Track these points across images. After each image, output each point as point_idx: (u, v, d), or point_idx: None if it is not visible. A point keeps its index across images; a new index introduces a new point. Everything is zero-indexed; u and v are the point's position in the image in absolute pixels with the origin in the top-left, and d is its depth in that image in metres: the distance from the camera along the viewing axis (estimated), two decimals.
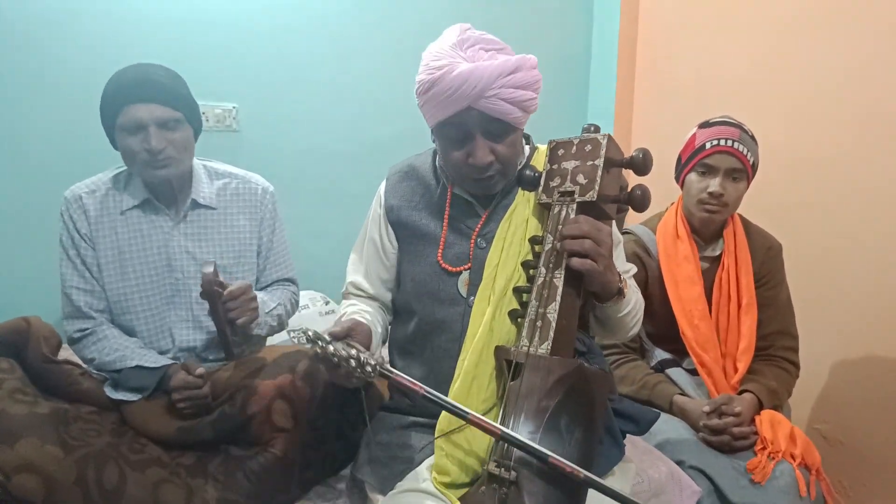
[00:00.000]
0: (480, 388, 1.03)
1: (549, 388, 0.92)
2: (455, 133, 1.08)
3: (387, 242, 1.25)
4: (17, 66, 1.87)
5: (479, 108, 1.03)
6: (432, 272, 1.16)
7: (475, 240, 1.15)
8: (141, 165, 1.30)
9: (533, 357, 0.96)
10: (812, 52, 1.97)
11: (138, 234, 1.36)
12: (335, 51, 2.32)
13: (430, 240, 1.19)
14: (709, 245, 1.67)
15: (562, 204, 1.04)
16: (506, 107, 1.04)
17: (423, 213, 1.21)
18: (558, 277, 0.99)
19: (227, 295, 1.25)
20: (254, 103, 2.21)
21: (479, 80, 1.01)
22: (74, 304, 1.34)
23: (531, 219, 1.11)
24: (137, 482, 1.12)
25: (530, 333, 0.99)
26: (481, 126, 1.06)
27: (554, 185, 1.06)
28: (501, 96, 1.03)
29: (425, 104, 1.09)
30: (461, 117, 1.05)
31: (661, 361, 1.68)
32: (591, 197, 1.00)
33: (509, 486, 0.89)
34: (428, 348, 1.17)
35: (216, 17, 2.11)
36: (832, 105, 1.92)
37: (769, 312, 1.64)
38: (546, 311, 0.98)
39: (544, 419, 0.90)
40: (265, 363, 1.29)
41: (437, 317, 1.15)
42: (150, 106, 1.26)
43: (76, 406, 1.25)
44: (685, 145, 1.61)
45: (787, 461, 1.40)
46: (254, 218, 1.47)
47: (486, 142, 1.07)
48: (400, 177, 1.27)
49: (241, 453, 1.22)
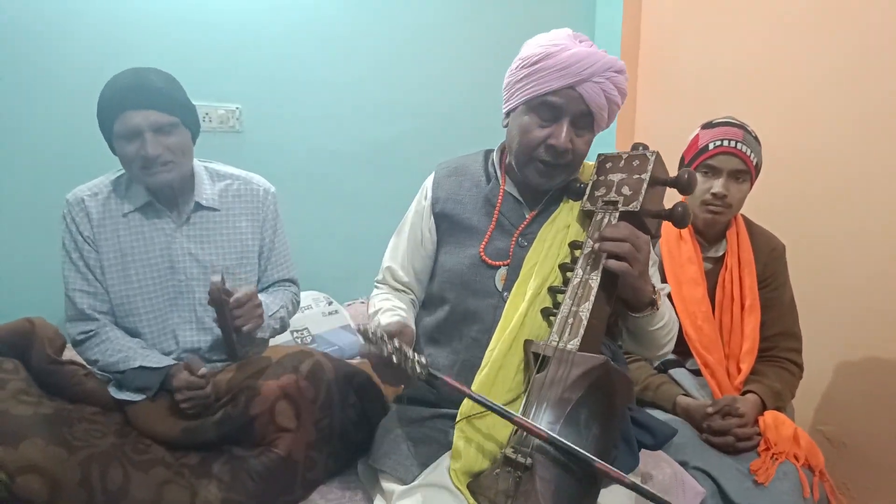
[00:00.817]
0: (506, 378, 1.05)
1: (574, 381, 0.94)
2: (546, 111, 1.10)
3: (426, 234, 1.28)
4: (19, 65, 1.87)
5: (580, 91, 1.07)
6: (470, 264, 1.19)
7: (517, 238, 1.19)
8: (139, 172, 1.30)
9: (560, 351, 0.98)
10: (815, 51, 1.97)
11: (141, 237, 1.37)
12: (338, 51, 2.32)
13: (474, 233, 1.22)
14: (712, 246, 1.66)
15: (605, 212, 1.08)
16: (602, 100, 1.09)
17: (469, 206, 1.24)
18: (594, 279, 1.02)
19: (233, 303, 1.26)
20: (257, 104, 2.21)
21: (592, 64, 1.06)
22: (77, 307, 1.34)
23: (573, 224, 1.15)
24: (141, 483, 1.12)
25: (560, 329, 1.01)
26: (574, 111, 1.09)
27: (599, 194, 1.10)
28: (604, 87, 1.08)
29: (527, 76, 1.11)
30: (560, 96, 1.08)
31: (665, 362, 1.67)
32: (634, 207, 1.04)
33: (524, 470, 0.91)
34: (457, 337, 1.20)
35: (219, 18, 2.11)
36: (835, 105, 1.92)
37: (773, 313, 1.63)
38: (579, 310, 1.01)
39: (566, 411, 0.93)
40: (268, 364, 1.29)
41: (470, 307, 1.18)
42: (145, 112, 1.26)
43: (80, 407, 1.26)
44: (688, 146, 1.61)
45: (791, 462, 1.40)
46: (255, 219, 1.48)
47: (570, 129, 1.10)
48: (449, 171, 1.30)
49: (244, 454, 1.22)
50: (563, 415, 0.92)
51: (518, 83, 1.13)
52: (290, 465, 1.22)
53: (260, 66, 2.20)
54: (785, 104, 2.06)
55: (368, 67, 2.38)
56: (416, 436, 1.15)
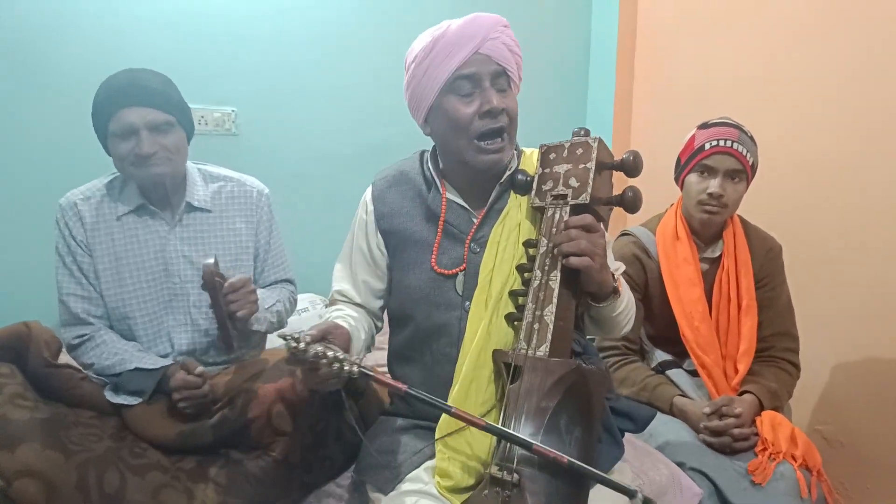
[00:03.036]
0: (479, 390, 1.04)
1: (549, 388, 0.93)
2: (466, 85, 1.08)
3: (376, 250, 1.24)
4: (14, 68, 1.86)
5: (485, 51, 1.07)
6: (427, 278, 1.16)
7: (469, 245, 1.15)
8: (130, 167, 1.30)
9: (532, 359, 0.96)
10: (810, 53, 1.98)
11: (134, 240, 1.36)
12: (334, 54, 2.32)
13: (424, 245, 1.17)
14: (708, 246, 1.67)
15: (555, 207, 1.05)
16: (507, 53, 1.09)
17: (416, 219, 1.20)
18: (554, 280, 1.00)
19: (227, 287, 1.25)
20: (253, 107, 2.21)
21: (481, 25, 1.08)
22: (72, 312, 1.34)
23: (524, 222, 1.12)
24: (138, 487, 1.12)
25: (528, 336, 0.99)
26: (489, 73, 1.08)
27: (546, 188, 1.07)
28: (503, 41, 1.09)
29: (428, 68, 1.09)
30: (471, 65, 1.07)
31: (662, 363, 1.68)
32: (583, 200, 1.02)
33: (512, 488, 0.89)
34: (426, 353, 1.17)
35: (215, 21, 2.11)
36: (831, 106, 1.93)
37: (769, 314, 1.64)
38: (543, 314, 0.99)
39: (545, 420, 0.91)
40: (265, 367, 1.29)
41: (435, 322, 1.15)
42: (141, 110, 1.26)
43: (77, 411, 1.25)
44: (684, 146, 1.62)
45: (788, 462, 1.41)
46: (250, 221, 1.47)
47: (493, 91, 1.08)
48: (388, 183, 1.26)
49: (241, 457, 1.22)
50: (543, 424, 0.91)
51: (423, 77, 1.11)
52: (287, 468, 1.22)
53: (255, 69, 2.20)
54: (781, 105, 2.07)
55: (364, 71, 2.38)
56: (396, 445, 1.14)
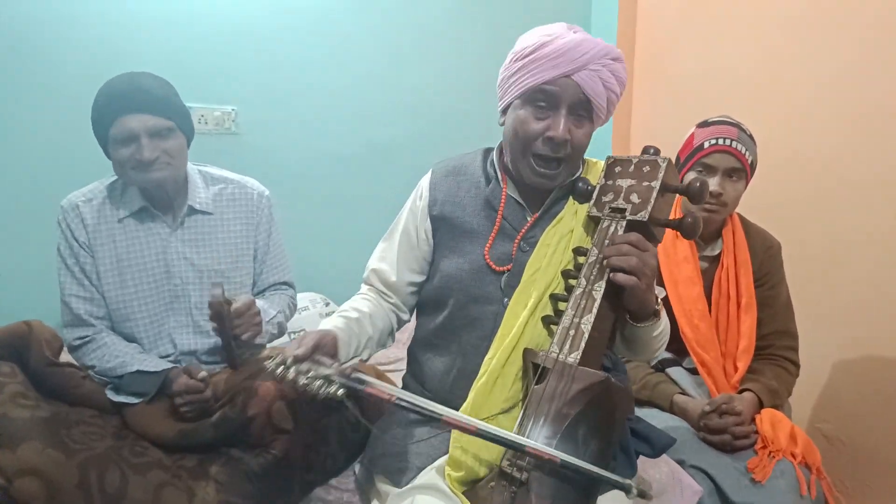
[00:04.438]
0: (504, 387, 1.04)
1: (573, 396, 0.92)
2: (543, 100, 1.07)
3: (422, 235, 1.24)
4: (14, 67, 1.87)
5: (577, 79, 1.04)
6: (472, 269, 1.16)
7: (518, 242, 1.15)
8: (131, 172, 1.30)
9: (561, 364, 0.96)
10: (811, 50, 1.97)
11: (136, 242, 1.37)
12: (335, 54, 2.32)
13: (474, 236, 1.18)
14: (708, 245, 1.67)
15: (612, 219, 1.03)
16: (600, 87, 1.06)
17: (469, 209, 1.20)
18: (598, 290, 0.99)
19: (233, 312, 1.24)
20: (253, 106, 2.21)
21: (588, 50, 1.04)
22: (74, 312, 1.34)
23: (577, 229, 1.11)
24: (139, 485, 1.12)
25: (561, 341, 0.98)
26: (571, 100, 1.06)
27: (606, 200, 1.05)
28: (601, 75, 1.05)
29: (522, 68, 1.08)
30: (556, 84, 1.05)
31: (662, 361, 1.67)
32: (642, 217, 1.00)
33: (519, 485, 0.90)
34: (455, 343, 1.17)
35: (216, 21, 2.11)
36: (831, 104, 1.92)
37: (769, 312, 1.64)
38: (581, 322, 0.98)
39: (563, 426, 0.91)
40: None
41: (471, 313, 1.15)
42: (141, 116, 1.26)
43: (78, 410, 1.26)
44: (684, 145, 1.62)
45: (788, 460, 1.40)
46: (250, 222, 1.48)
47: (568, 119, 1.07)
48: (446, 172, 1.26)
49: (242, 455, 1.22)
50: (561, 430, 0.90)
51: (512, 76, 1.10)
52: (288, 466, 1.23)
53: (256, 68, 2.20)
54: (781, 103, 2.06)
55: (365, 70, 2.38)
56: (410, 438, 1.14)
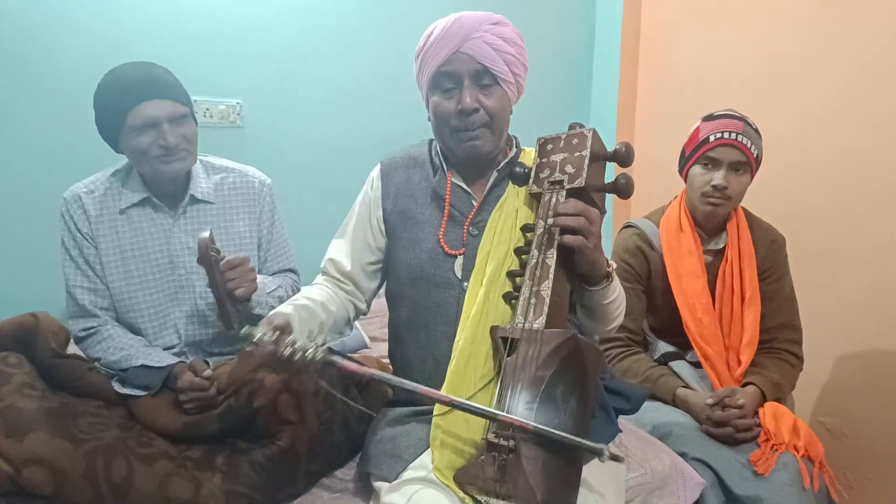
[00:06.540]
0: (476, 366, 1.06)
1: (545, 358, 0.95)
2: (446, 81, 1.14)
3: (376, 225, 1.28)
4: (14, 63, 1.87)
5: (465, 50, 1.11)
6: (428, 257, 1.19)
7: (468, 227, 1.19)
8: (155, 161, 1.30)
9: (528, 331, 0.99)
10: (816, 46, 1.97)
11: (139, 233, 1.37)
12: (339, 47, 2.32)
13: (427, 226, 1.22)
14: (712, 238, 1.67)
15: (552, 192, 1.09)
16: (490, 52, 1.11)
17: (421, 200, 1.24)
18: (550, 257, 1.04)
19: (225, 264, 1.24)
20: (258, 100, 2.21)
21: (464, 23, 1.11)
22: (79, 303, 1.35)
23: (522, 209, 1.16)
24: (145, 475, 1.13)
25: (525, 310, 1.02)
26: (469, 72, 1.12)
27: (544, 176, 1.12)
28: (486, 39, 1.11)
29: (421, 63, 1.17)
30: (452, 63, 1.12)
31: (665, 354, 1.68)
32: (579, 184, 1.06)
33: (508, 453, 0.91)
34: (423, 333, 1.20)
35: (221, 14, 2.11)
36: (836, 100, 1.92)
37: (773, 305, 1.64)
38: (540, 289, 1.02)
39: (541, 388, 0.93)
40: None
41: (434, 300, 1.18)
42: (160, 102, 1.27)
43: (84, 400, 1.26)
44: (689, 138, 1.62)
45: (791, 453, 1.41)
46: (252, 211, 1.48)
47: (474, 89, 1.13)
48: (396, 164, 1.30)
49: (247, 446, 1.23)
50: (539, 392, 0.93)
51: (419, 74, 1.19)
52: (293, 457, 1.23)
53: (261, 61, 2.20)
54: (786, 99, 2.06)
55: (370, 63, 2.38)
56: (398, 434, 1.16)
